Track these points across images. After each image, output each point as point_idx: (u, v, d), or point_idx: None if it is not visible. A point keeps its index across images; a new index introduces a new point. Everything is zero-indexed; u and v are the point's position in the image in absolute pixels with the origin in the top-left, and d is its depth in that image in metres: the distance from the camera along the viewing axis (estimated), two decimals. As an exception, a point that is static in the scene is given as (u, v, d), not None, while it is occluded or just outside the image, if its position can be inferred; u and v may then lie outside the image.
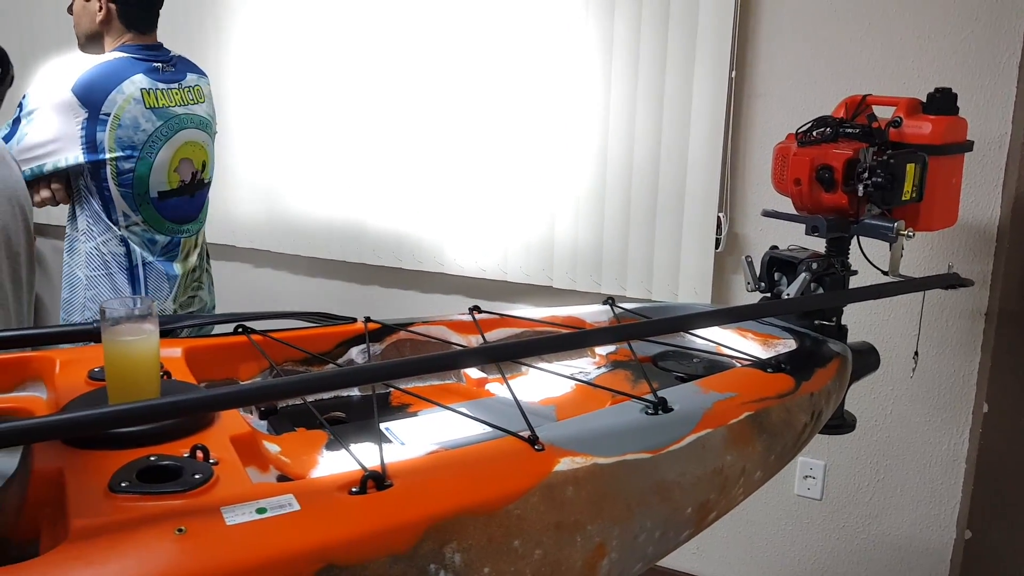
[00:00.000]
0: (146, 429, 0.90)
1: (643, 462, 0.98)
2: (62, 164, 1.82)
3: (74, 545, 0.69)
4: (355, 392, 1.38)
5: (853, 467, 2.27)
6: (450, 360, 1.10)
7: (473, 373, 1.42)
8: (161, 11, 2.00)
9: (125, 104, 1.83)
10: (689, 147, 2.22)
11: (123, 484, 0.80)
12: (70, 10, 1.98)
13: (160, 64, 1.94)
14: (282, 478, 1.00)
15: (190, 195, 2.00)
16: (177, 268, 1.99)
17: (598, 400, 1.28)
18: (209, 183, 2.13)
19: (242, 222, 2.97)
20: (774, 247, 1.60)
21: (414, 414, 1.29)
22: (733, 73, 2.17)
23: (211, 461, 0.86)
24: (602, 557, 0.95)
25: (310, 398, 1.31)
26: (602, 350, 1.54)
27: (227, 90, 2.82)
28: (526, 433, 0.95)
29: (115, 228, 1.86)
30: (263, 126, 2.85)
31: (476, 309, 1.52)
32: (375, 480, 0.82)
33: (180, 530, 0.72)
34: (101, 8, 1.90)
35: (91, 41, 1.96)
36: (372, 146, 2.70)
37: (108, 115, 1.81)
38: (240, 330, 1.32)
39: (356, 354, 1.40)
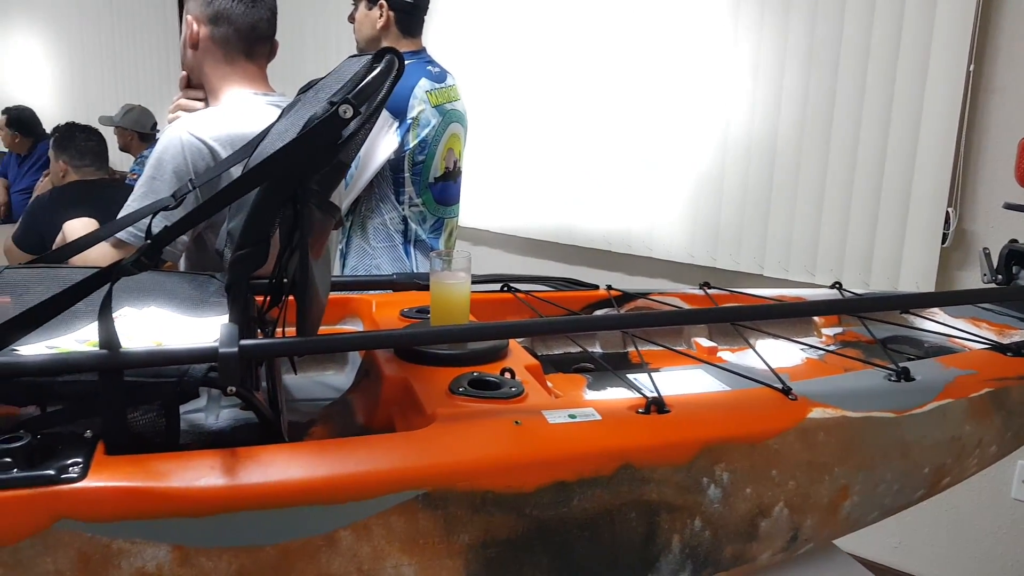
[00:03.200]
0: (464, 353, 1.13)
1: (888, 420, 1.08)
2: (380, 167, 2.13)
3: (442, 424, 0.91)
4: (598, 349, 1.56)
5: (1081, 476, 2.18)
6: (702, 315, 1.26)
7: (704, 342, 1.56)
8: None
9: (420, 107, 2.13)
10: (919, 141, 2.22)
11: (460, 389, 1.02)
12: (351, 19, 2.27)
13: (430, 66, 2.22)
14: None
15: (453, 181, 2.28)
16: (440, 244, 2.27)
17: (829, 373, 1.38)
18: (462, 171, 2.39)
19: (466, 204, 3.26)
20: (1013, 240, 1.61)
21: (655, 370, 1.45)
22: (971, 66, 2.14)
23: (517, 380, 1.07)
24: (845, 499, 1.06)
25: (559, 349, 1.51)
26: (829, 331, 1.62)
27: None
28: (778, 386, 1.09)
29: (399, 208, 2.16)
30: (491, 123, 3.13)
31: (707, 285, 1.65)
32: (657, 405, 0.99)
33: (517, 422, 0.92)
34: (382, 16, 2.17)
35: (370, 46, 2.23)
36: (588, 139, 2.89)
37: (411, 118, 2.11)
38: (506, 288, 1.54)
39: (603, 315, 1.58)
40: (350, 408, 1.18)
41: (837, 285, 1.63)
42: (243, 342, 0.83)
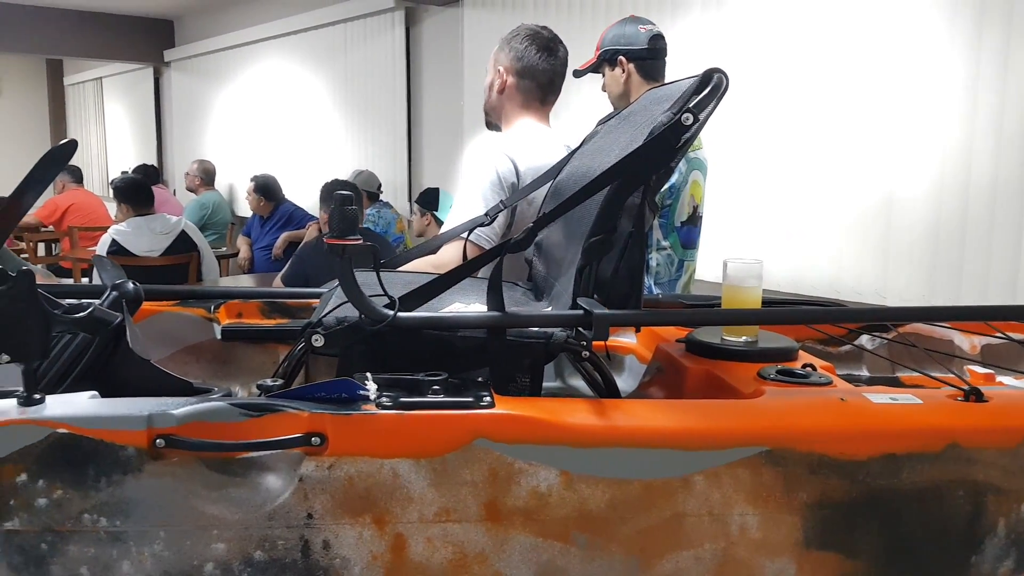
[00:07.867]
0: (757, 350, 1.21)
1: None
2: None
3: (773, 396, 1.00)
4: (865, 373, 1.59)
5: None
6: (966, 312, 1.28)
7: (979, 369, 1.55)
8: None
9: None
10: None
11: (771, 376, 1.10)
12: (601, 72, 2.46)
13: None
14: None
15: (694, 225, 2.35)
16: (679, 288, 2.35)
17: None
18: (702, 217, 2.46)
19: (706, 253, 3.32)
20: None
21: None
22: None
23: (822, 372, 1.14)
24: None
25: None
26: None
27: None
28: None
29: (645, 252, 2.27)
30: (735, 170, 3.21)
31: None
32: (975, 395, 1.02)
33: (842, 399, 0.99)
34: (624, 71, 2.34)
35: (621, 101, 2.36)
36: (824, 184, 2.90)
37: None
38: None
39: (866, 340, 1.61)
40: (649, 399, 1.29)
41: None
42: (607, 311, 0.96)
